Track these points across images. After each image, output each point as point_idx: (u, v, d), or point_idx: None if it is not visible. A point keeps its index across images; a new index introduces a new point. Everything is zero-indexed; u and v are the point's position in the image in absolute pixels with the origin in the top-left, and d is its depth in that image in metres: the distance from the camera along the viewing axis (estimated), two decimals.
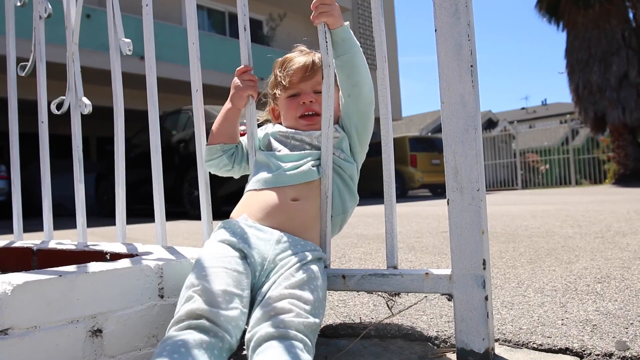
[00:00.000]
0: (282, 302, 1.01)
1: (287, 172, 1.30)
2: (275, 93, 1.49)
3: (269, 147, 1.42)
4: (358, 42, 1.36)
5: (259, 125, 1.50)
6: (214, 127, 1.46)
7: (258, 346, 0.92)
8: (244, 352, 1.15)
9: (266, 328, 0.94)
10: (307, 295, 1.04)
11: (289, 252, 1.16)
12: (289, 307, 0.99)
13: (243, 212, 1.27)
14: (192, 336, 0.91)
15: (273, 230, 1.21)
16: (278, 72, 1.46)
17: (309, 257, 1.15)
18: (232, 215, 1.29)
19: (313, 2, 1.28)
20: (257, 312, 1.00)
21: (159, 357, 0.87)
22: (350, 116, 1.40)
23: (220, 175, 1.51)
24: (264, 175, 1.32)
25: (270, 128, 1.47)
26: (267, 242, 1.17)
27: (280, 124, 1.48)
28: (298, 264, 1.12)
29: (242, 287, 1.05)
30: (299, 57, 1.45)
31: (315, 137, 1.37)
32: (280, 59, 1.49)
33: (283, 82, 1.43)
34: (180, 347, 0.89)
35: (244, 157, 1.46)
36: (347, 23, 1.33)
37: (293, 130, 1.41)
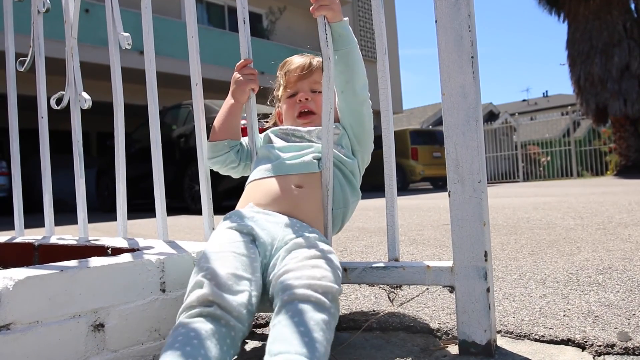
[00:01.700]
0: (301, 289, 0.96)
1: (287, 162, 1.30)
2: (278, 95, 1.54)
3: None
4: (355, 39, 1.36)
5: (265, 130, 1.52)
6: (216, 123, 1.45)
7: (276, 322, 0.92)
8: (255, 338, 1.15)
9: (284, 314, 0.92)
10: (328, 274, 1.01)
11: (299, 234, 1.14)
12: (309, 293, 0.95)
13: (248, 202, 1.26)
14: (204, 326, 0.90)
15: (281, 215, 1.20)
16: (278, 73, 1.53)
17: (319, 239, 1.14)
18: (237, 207, 1.29)
19: None
20: (276, 299, 0.97)
21: (171, 350, 0.85)
22: (344, 114, 1.40)
23: (222, 172, 1.51)
24: (264, 165, 1.32)
25: (271, 127, 1.50)
26: (276, 224, 1.17)
27: None
28: (312, 248, 1.08)
29: (252, 271, 1.04)
30: (297, 58, 1.52)
31: (314, 134, 1.38)
32: (282, 62, 1.56)
33: (281, 81, 1.50)
34: (192, 338, 0.88)
35: (248, 154, 1.47)
36: (346, 19, 1.33)
37: (293, 127, 1.42)
